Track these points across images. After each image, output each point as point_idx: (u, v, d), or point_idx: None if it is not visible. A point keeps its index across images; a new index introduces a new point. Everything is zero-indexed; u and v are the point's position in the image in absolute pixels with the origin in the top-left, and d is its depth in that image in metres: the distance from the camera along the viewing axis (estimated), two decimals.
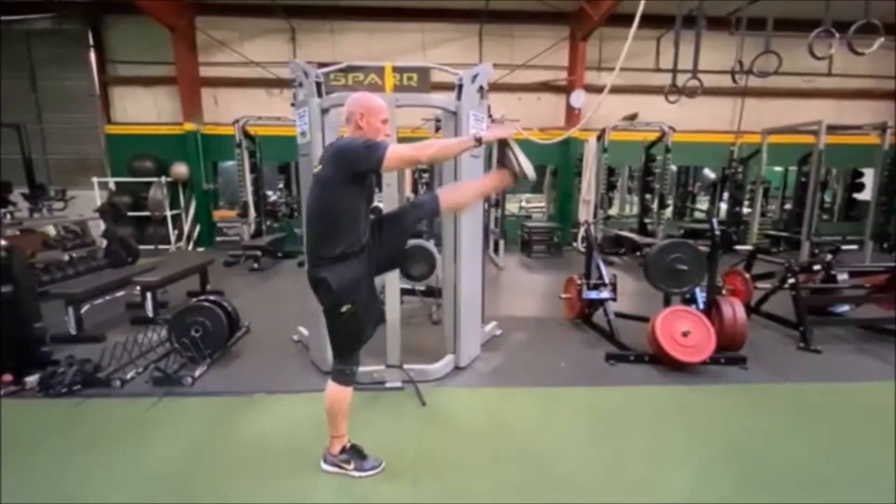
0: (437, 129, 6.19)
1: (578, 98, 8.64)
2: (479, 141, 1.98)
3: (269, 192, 9.43)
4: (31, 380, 2.94)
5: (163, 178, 8.37)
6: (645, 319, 3.73)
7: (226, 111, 8.79)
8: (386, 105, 2.05)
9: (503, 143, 2.17)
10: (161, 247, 8.50)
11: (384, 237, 2.10)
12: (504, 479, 2.15)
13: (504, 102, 8.34)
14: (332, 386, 2.08)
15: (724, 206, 9.64)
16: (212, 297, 3.68)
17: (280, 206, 9.32)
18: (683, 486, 2.11)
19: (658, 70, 8.83)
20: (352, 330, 2.02)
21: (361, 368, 3.04)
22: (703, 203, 12.01)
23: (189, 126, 8.63)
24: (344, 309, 1.95)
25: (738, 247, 8.29)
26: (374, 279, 2.12)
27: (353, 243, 1.95)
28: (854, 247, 7.53)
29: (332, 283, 1.91)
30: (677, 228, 9.22)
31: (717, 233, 3.47)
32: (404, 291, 4.09)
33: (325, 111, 2.94)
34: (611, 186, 8.63)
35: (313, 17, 8.68)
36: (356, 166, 1.87)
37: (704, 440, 2.48)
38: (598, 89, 8.30)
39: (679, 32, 5.50)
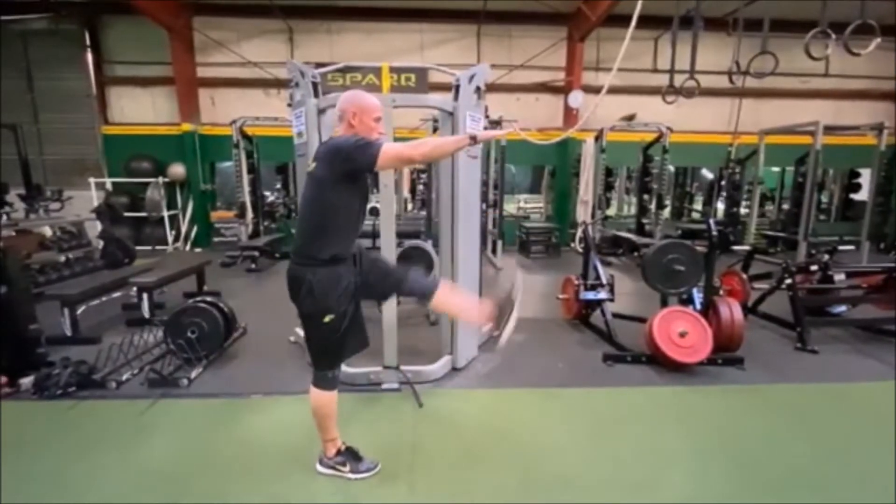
0: (435, 129, 6.19)
1: (576, 98, 8.65)
2: (474, 139, 1.96)
3: (267, 193, 9.41)
4: (27, 381, 2.93)
5: (160, 179, 8.35)
6: (642, 320, 3.73)
7: (223, 112, 8.76)
8: (379, 103, 2.02)
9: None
10: (158, 247, 8.47)
11: (369, 277, 2.06)
12: (501, 480, 2.14)
13: (502, 103, 8.35)
14: (315, 392, 2.04)
15: (721, 207, 9.67)
16: (209, 298, 3.67)
17: (278, 207, 9.29)
18: (682, 487, 2.10)
19: (656, 71, 8.84)
20: (333, 342, 1.98)
21: (358, 370, 3.06)
22: (700, 203, 12.04)
23: (186, 126, 8.61)
24: (327, 319, 1.91)
25: (736, 247, 8.30)
26: (359, 300, 2.07)
27: (345, 247, 1.93)
28: (851, 247, 7.55)
29: (316, 287, 1.87)
30: (675, 229, 9.24)
31: (715, 233, 3.47)
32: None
33: (321, 111, 2.93)
34: (609, 187, 8.64)
35: (311, 17, 8.67)
36: (348, 165, 1.83)
37: (702, 441, 2.48)
38: (595, 90, 8.30)
39: (676, 33, 5.50)
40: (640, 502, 2.01)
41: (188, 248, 8.81)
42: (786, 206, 9.41)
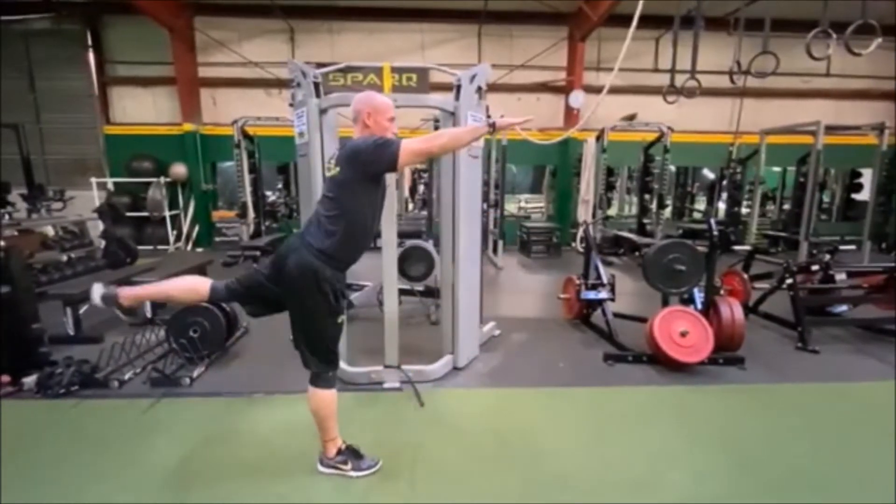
0: (436, 129, 6.19)
1: (577, 98, 8.65)
2: (492, 126, 1.96)
3: (268, 193, 9.43)
4: (29, 380, 2.94)
5: (161, 179, 8.36)
6: (643, 320, 3.73)
7: (224, 111, 8.78)
8: (392, 103, 2.04)
9: None
10: (160, 247, 8.48)
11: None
12: (502, 480, 2.15)
13: (503, 103, 8.35)
14: (315, 392, 2.03)
15: (722, 207, 9.66)
16: None
17: (279, 207, 9.32)
18: (682, 486, 2.11)
19: (657, 70, 8.85)
20: (335, 341, 2.03)
21: (359, 369, 3.07)
22: (701, 203, 12.03)
23: (188, 126, 8.62)
24: (340, 320, 1.96)
25: (737, 247, 8.30)
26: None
27: (359, 253, 1.96)
28: (852, 247, 7.55)
29: (338, 286, 1.91)
30: (676, 229, 9.23)
31: (716, 233, 3.47)
32: (403, 292, 4.08)
33: (323, 112, 2.94)
34: (610, 187, 8.64)
35: (312, 17, 8.68)
36: (371, 167, 1.86)
37: (703, 440, 2.48)
38: (596, 90, 8.29)
39: (677, 33, 5.50)
40: (640, 502, 2.02)
41: (190, 247, 8.82)
42: (787, 206, 9.40)
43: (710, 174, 11.49)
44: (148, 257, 6.31)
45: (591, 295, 4.01)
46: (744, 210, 9.32)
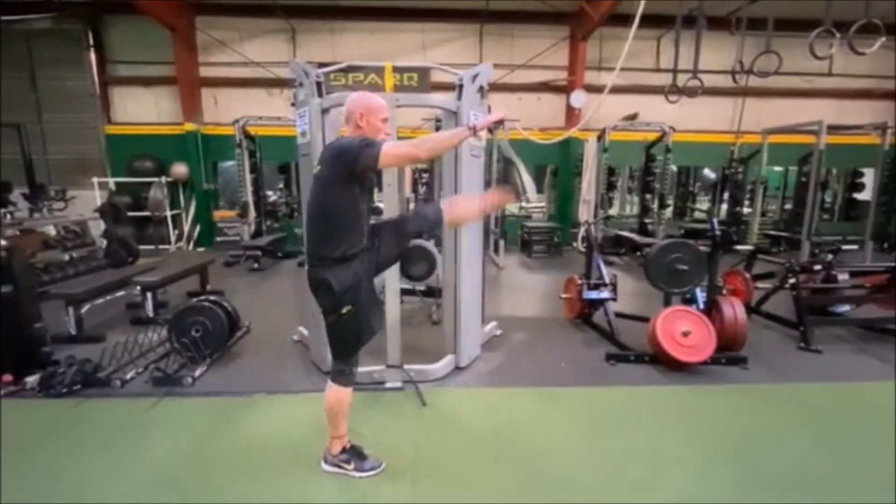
0: (438, 129, 6.19)
1: (578, 98, 8.64)
2: (473, 130, 1.98)
3: (269, 192, 9.43)
4: (32, 380, 2.94)
5: (163, 178, 8.36)
6: (645, 319, 3.72)
7: (226, 111, 8.79)
8: (386, 104, 2.05)
9: (509, 162, 2.27)
10: (161, 247, 8.49)
11: (384, 241, 2.11)
12: (504, 479, 2.15)
13: (504, 102, 8.35)
14: (331, 386, 2.08)
15: (724, 206, 9.66)
16: (212, 297, 3.68)
17: (280, 206, 9.32)
18: (683, 486, 2.11)
19: (658, 70, 8.84)
20: (352, 332, 2.02)
21: (361, 368, 3.03)
22: (703, 203, 12.01)
23: (189, 126, 8.63)
24: (344, 311, 1.95)
25: (739, 247, 8.28)
26: (373, 281, 2.11)
27: (354, 244, 1.95)
28: (854, 247, 7.52)
29: (334, 284, 1.91)
30: (677, 228, 9.22)
31: (718, 233, 3.47)
32: (404, 291, 4.09)
33: (325, 111, 2.94)
34: (611, 186, 8.64)
35: (313, 17, 8.68)
36: (353, 165, 1.86)
37: (704, 440, 2.48)
38: (598, 89, 8.29)
39: (679, 32, 5.51)
40: (641, 502, 2.02)
41: (191, 247, 8.83)
42: (788, 206, 9.38)
43: (711, 174, 11.47)
44: (149, 257, 6.32)
45: (593, 295, 4.00)
46: (745, 210, 9.31)
